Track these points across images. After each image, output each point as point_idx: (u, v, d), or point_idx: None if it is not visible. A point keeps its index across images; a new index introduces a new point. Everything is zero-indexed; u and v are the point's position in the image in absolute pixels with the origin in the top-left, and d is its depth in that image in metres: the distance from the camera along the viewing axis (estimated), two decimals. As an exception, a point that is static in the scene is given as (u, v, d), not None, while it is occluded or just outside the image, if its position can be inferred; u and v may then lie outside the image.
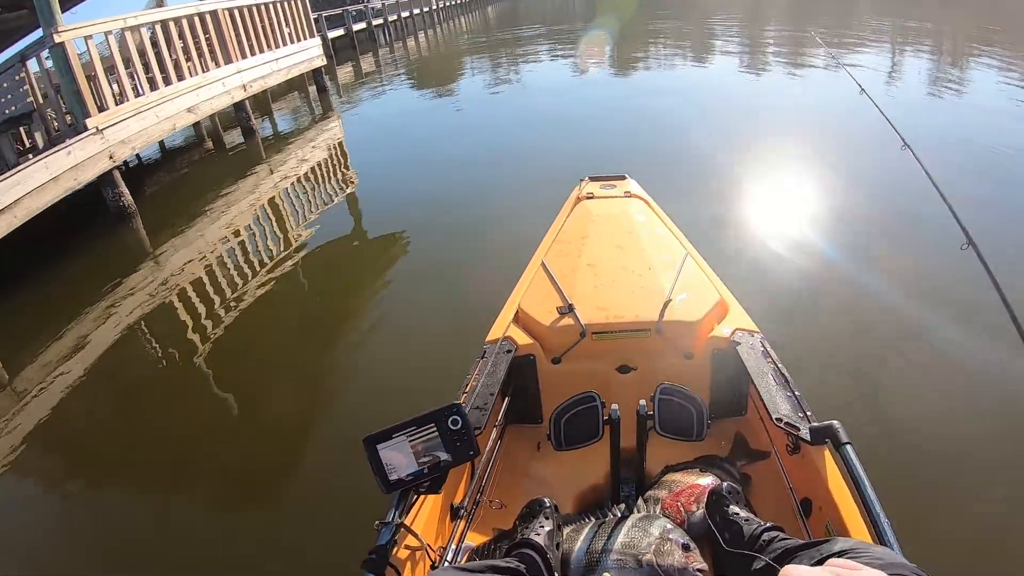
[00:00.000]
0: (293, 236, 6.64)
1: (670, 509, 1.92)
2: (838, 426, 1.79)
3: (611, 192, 3.54)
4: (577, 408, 1.92)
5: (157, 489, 3.58)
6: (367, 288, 5.58)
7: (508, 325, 2.53)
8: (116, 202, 7.05)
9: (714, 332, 2.42)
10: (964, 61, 13.48)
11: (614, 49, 18.94)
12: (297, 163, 8.86)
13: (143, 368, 4.72)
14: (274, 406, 4.13)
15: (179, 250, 6.35)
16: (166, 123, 8.03)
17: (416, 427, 1.67)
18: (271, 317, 5.24)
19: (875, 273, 4.81)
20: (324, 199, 7.78)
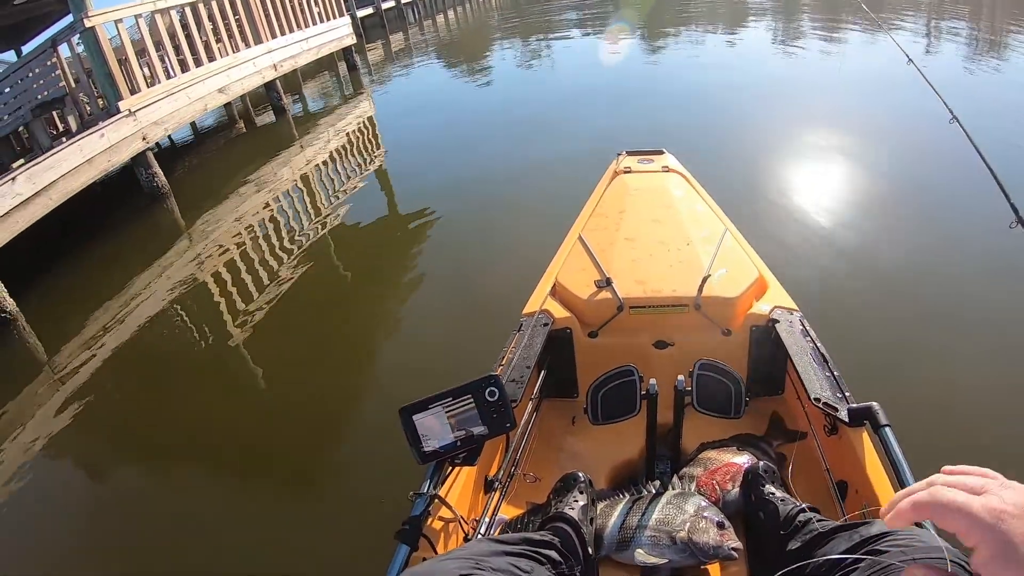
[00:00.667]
0: (325, 213, 6.64)
1: (705, 487, 1.91)
2: (877, 408, 1.76)
3: (648, 167, 3.49)
4: (615, 382, 1.91)
5: (192, 467, 3.63)
6: (401, 264, 5.58)
7: (545, 298, 2.52)
8: (150, 182, 7.14)
9: (753, 309, 2.39)
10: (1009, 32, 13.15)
11: (648, 25, 18.68)
12: (327, 141, 8.85)
13: (178, 347, 4.77)
14: (309, 382, 4.15)
15: (212, 229, 6.40)
16: (198, 104, 8.08)
17: (453, 398, 1.67)
18: (304, 294, 5.25)
19: (920, 252, 4.71)
20: (355, 176, 7.76)
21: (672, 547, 1.68)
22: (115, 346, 4.71)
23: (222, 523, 3.18)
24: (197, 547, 3.06)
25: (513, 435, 2.08)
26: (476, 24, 25.38)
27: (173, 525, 3.21)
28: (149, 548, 3.10)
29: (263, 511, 3.25)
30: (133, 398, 4.31)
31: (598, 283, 2.46)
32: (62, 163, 6.05)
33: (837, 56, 11.90)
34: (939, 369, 3.57)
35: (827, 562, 1.32)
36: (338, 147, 8.65)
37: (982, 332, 3.79)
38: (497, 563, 1.31)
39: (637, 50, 14.71)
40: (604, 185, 3.36)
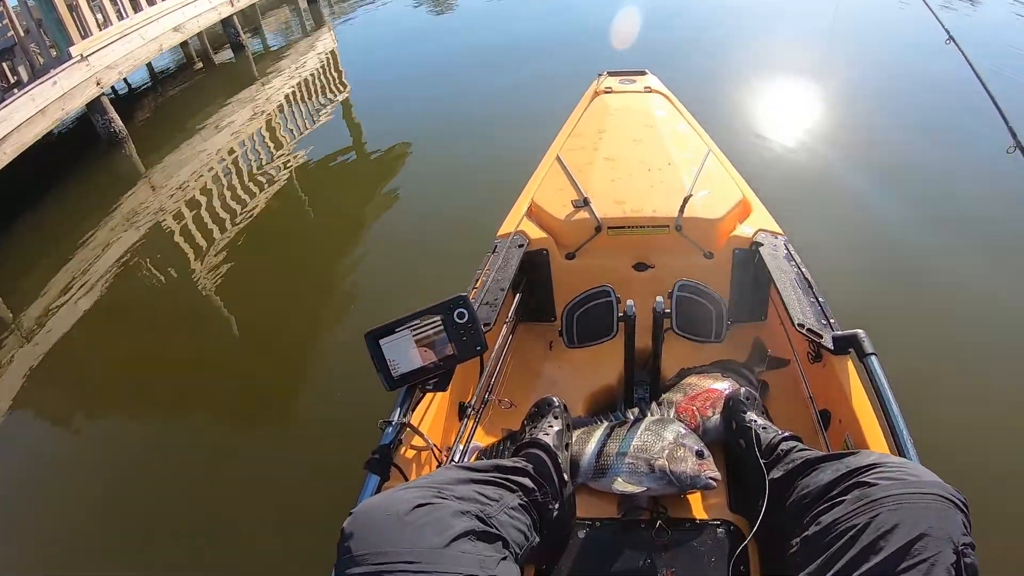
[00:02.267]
0: (289, 151, 6.45)
1: (684, 413, 1.86)
2: (863, 335, 1.70)
3: (630, 87, 3.37)
4: (591, 303, 1.84)
5: (167, 409, 3.58)
6: (370, 195, 5.48)
7: (521, 219, 2.43)
8: (107, 128, 6.84)
9: (736, 232, 2.32)
10: None
11: None
12: (289, 78, 8.53)
13: (147, 293, 4.65)
14: (278, 317, 4.10)
15: (174, 172, 6.18)
16: (152, 44, 7.73)
17: (420, 320, 1.60)
18: (271, 231, 5.15)
19: (913, 178, 4.63)
20: (319, 112, 7.52)
21: (650, 475, 1.64)
22: (82, 298, 4.56)
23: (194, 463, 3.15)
24: (172, 487, 3.03)
25: (487, 359, 2.02)
26: None
27: (150, 465, 3.18)
28: (127, 490, 3.07)
29: (235, 448, 3.24)
30: (105, 347, 4.20)
31: (575, 203, 2.37)
32: (14, 115, 5.77)
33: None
34: (932, 295, 3.53)
35: (811, 492, 1.27)
36: (300, 83, 8.35)
37: (977, 257, 3.74)
38: (462, 491, 1.26)
39: None
40: (584, 106, 3.24)
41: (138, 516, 2.93)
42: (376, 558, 1.08)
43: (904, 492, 1.09)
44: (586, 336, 1.86)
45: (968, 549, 1.02)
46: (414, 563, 1.07)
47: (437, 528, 1.13)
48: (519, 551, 1.30)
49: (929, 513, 1.05)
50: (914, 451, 1.43)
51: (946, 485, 1.12)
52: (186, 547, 2.75)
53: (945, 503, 1.07)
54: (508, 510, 1.31)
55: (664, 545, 1.54)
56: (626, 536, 1.58)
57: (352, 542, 1.11)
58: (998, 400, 2.88)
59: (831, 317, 1.86)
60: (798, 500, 1.31)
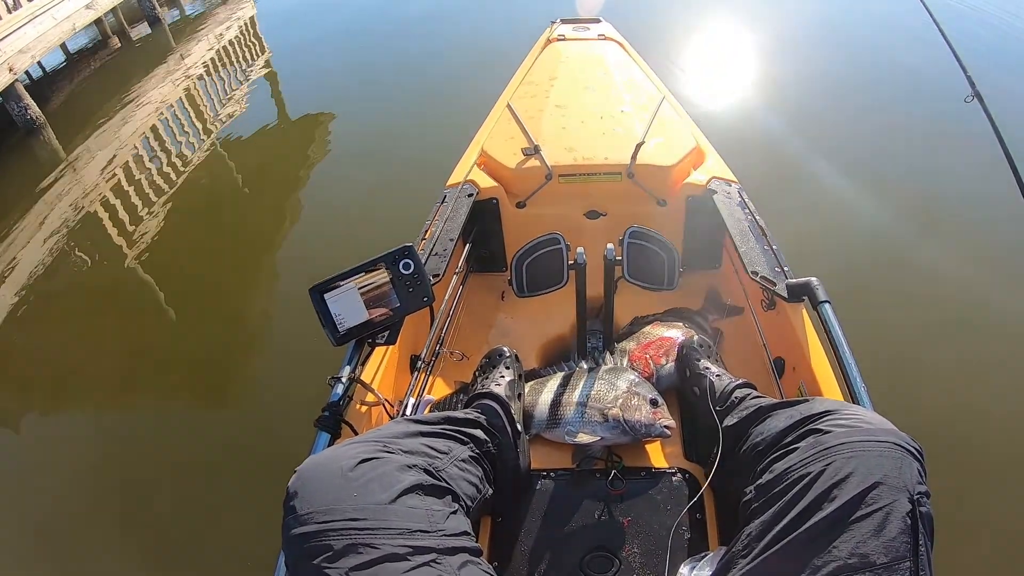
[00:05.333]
0: (213, 124, 6.24)
1: (638, 361, 1.85)
2: (817, 283, 1.70)
3: (584, 35, 3.32)
4: (540, 251, 1.80)
5: (112, 399, 3.46)
6: (303, 157, 5.34)
7: (471, 169, 2.38)
8: (23, 116, 6.46)
9: (689, 179, 2.29)
10: None
11: None
12: (208, 48, 8.19)
13: (78, 279, 4.44)
14: (219, 291, 4.00)
15: (96, 156, 5.89)
16: (65, 24, 7.27)
17: (365, 272, 1.56)
18: (200, 204, 4.98)
19: (872, 127, 4.64)
20: (242, 82, 7.23)
21: (604, 424, 1.63)
22: (12, 291, 4.34)
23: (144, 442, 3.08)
24: (122, 471, 2.96)
25: (438, 311, 1.99)
26: None
27: (99, 452, 3.09)
28: (75, 479, 2.96)
29: (186, 422, 3.17)
30: (38, 338, 3.99)
31: (526, 151, 2.32)
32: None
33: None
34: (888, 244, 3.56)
35: (765, 439, 1.27)
36: (220, 53, 8.03)
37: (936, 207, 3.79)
38: (409, 444, 1.23)
39: None
40: (536, 53, 3.18)
41: (93, 507, 2.84)
42: (320, 516, 1.05)
43: (858, 440, 1.08)
44: (536, 285, 1.83)
45: (924, 498, 1.02)
46: (359, 519, 1.05)
47: (383, 483, 1.10)
48: (471, 504, 1.28)
49: (884, 461, 1.04)
50: (868, 398, 1.43)
51: (901, 433, 1.11)
52: (146, 529, 2.70)
53: (900, 451, 1.06)
54: (458, 462, 1.29)
55: (620, 494, 1.53)
56: (582, 486, 1.58)
57: (296, 501, 1.08)
58: (950, 346, 2.96)
59: (784, 265, 1.86)
60: (752, 448, 1.30)
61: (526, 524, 1.51)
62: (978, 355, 2.92)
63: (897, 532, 0.98)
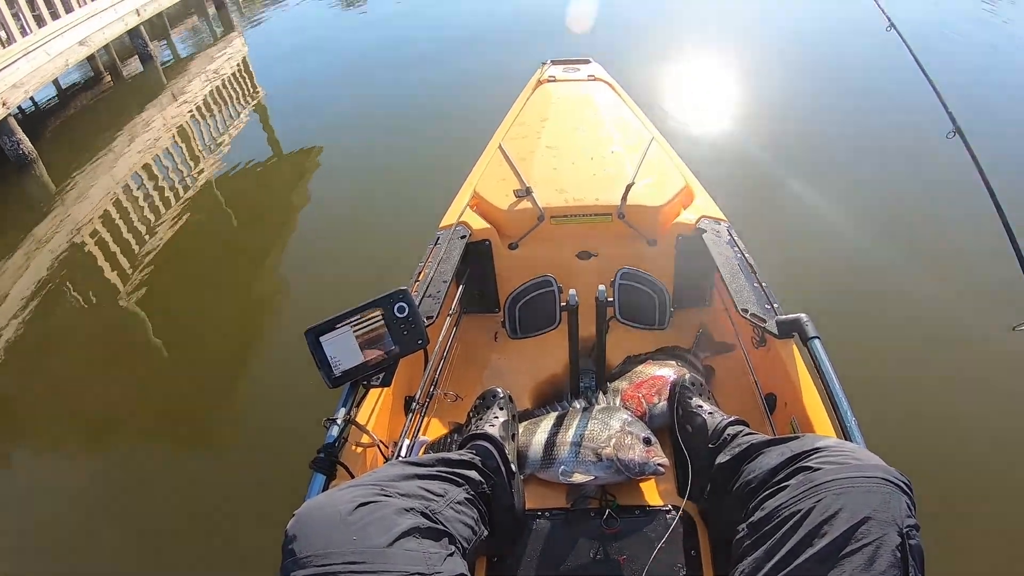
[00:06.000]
0: (205, 161, 6.26)
1: (631, 401, 1.87)
2: (806, 319, 1.73)
3: (574, 75, 3.38)
4: (533, 293, 1.83)
5: (101, 436, 3.45)
6: (298, 197, 5.39)
7: (463, 210, 2.41)
8: (15, 151, 6.48)
9: (679, 218, 2.33)
10: None
11: None
12: (201, 86, 8.29)
13: (68, 317, 4.42)
14: (209, 327, 4.00)
15: (88, 192, 5.91)
16: (58, 60, 7.34)
17: (360, 316, 1.57)
18: (193, 242, 4.98)
19: (856, 163, 4.73)
20: (234, 120, 7.31)
21: (598, 464, 1.64)
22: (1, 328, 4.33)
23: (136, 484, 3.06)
24: (113, 513, 2.93)
25: (432, 352, 2.01)
26: None
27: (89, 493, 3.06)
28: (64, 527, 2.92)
29: (179, 463, 3.16)
30: (28, 375, 3.97)
31: (518, 193, 2.36)
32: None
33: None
34: (874, 279, 3.61)
35: (756, 477, 1.28)
36: (213, 92, 8.10)
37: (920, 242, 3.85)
38: (406, 487, 1.24)
39: None
40: (527, 94, 3.24)
41: (80, 546, 2.81)
42: (319, 559, 1.06)
43: (847, 476, 1.10)
44: (529, 327, 1.85)
45: (913, 531, 1.03)
46: (358, 563, 1.05)
47: (381, 527, 1.11)
48: (467, 545, 1.28)
49: (872, 496, 1.06)
50: (859, 432, 1.45)
51: (889, 468, 1.13)
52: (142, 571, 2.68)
53: (889, 486, 1.08)
54: (454, 505, 1.30)
55: (615, 533, 1.54)
56: (577, 525, 1.58)
57: (295, 544, 1.09)
58: (937, 380, 3.01)
59: (774, 302, 1.88)
60: (744, 485, 1.31)
61: (522, 564, 1.51)
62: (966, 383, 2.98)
63: (887, 566, 0.99)
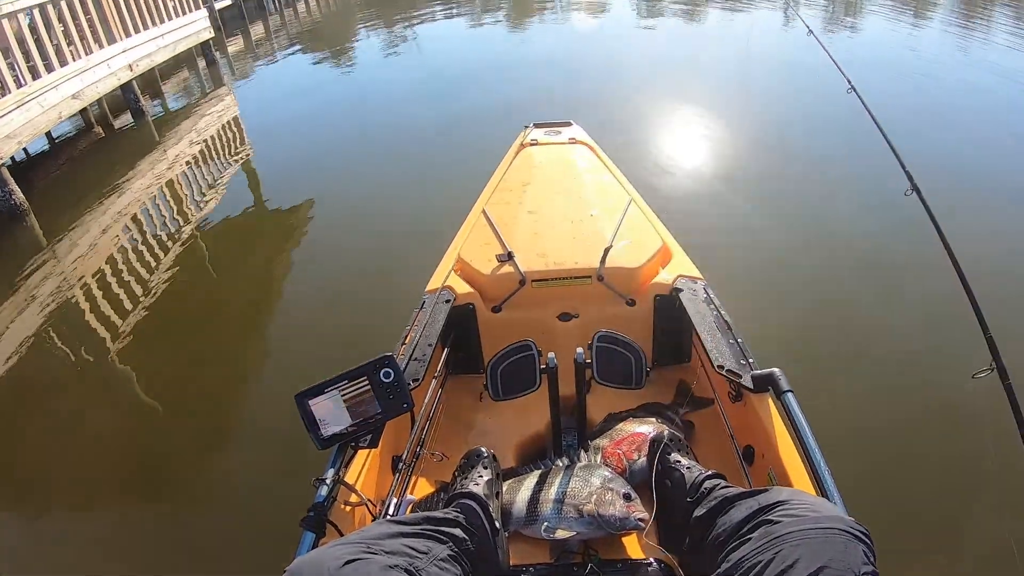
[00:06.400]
0: (194, 216, 6.34)
1: (611, 458, 1.91)
2: (779, 374, 1.79)
3: (556, 138, 3.49)
4: (514, 357, 1.89)
5: (91, 494, 3.41)
6: (285, 256, 5.44)
7: (448, 274, 2.48)
8: (7, 201, 6.49)
9: (656, 279, 2.41)
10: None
11: (515, 3, 18.91)
12: (191, 142, 8.44)
13: (56, 371, 4.39)
14: (198, 384, 4.01)
15: (78, 244, 5.97)
16: (52, 112, 7.43)
17: (348, 381, 1.63)
18: (181, 298, 5.02)
19: (821, 220, 4.89)
20: (223, 175, 7.40)
21: (579, 520, 1.68)
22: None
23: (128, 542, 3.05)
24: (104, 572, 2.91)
25: (418, 413, 2.05)
26: (340, 10, 24.65)
27: (72, 557, 3.02)
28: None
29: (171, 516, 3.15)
30: (12, 433, 3.91)
31: (500, 257, 2.44)
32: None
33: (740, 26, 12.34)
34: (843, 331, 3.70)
35: (727, 529, 1.33)
36: (202, 147, 8.24)
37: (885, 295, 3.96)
38: (391, 545, 1.28)
39: (520, 27, 15.12)
40: (510, 158, 3.34)
41: None
42: None
43: (805, 528, 1.15)
44: (511, 389, 1.91)
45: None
46: None
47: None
48: None
49: (828, 547, 1.10)
50: (832, 481, 1.50)
51: (846, 518, 1.18)
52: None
53: (846, 535, 1.13)
54: (437, 562, 1.33)
55: None
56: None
57: None
58: (904, 428, 3.10)
59: (750, 357, 1.95)
60: (715, 538, 1.36)
61: None
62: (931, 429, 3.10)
63: None
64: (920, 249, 3.58)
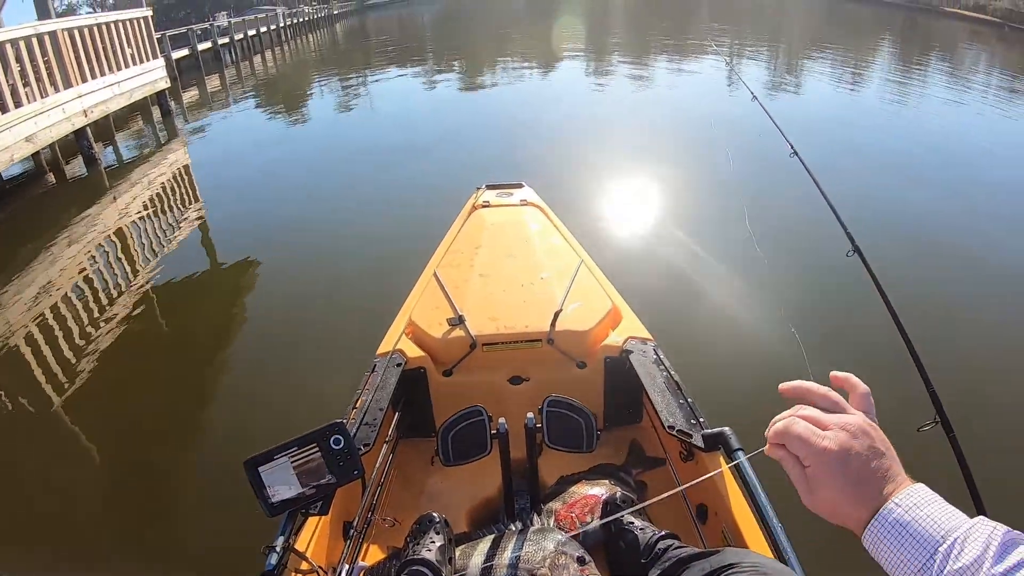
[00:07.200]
0: (144, 270, 6.27)
1: (564, 521, 1.90)
2: (730, 432, 1.81)
3: (507, 200, 3.54)
4: (464, 423, 1.89)
5: (25, 559, 3.24)
6: (236, 317, 5.40)
7: (399, 337, 2.48)
8: None
9: (607, 341, 2.43)
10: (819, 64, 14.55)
11: (467, 63, 19.35)
12: (142, 192, 8.42)
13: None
14: (143, 446, 3.91)
15: (23, 293, 5.86)
16: (3, 155, 7.46)
17: (298, 447, 1.60)
18: (129, 355, 4.93)
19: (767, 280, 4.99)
20: (173, 229, 7.36)
21: None
22: None
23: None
24: None
25: (369, 478, 2.02)
26: (295, 65, 24.92)
27: None
28: None
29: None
30: None
31: (451, 321, 2.45)
32: None
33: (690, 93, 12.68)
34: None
35: None
36: (153, 199, 8.21)
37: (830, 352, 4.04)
38: None
39: (468, 87, 15.42)
40: (462, 220, 3.37)
41: None
42: None
43: None
44: (462, 454, 1.91)
45: None
46: None
47: None
48: None
49: None
50: (787, 540, 1.51)
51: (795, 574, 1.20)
52: None
53: None
54: None
55: None
56: None
57: None
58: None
59: (700, 416, 1.97)
60: None
61: None
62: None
63: None
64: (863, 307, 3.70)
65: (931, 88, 13.08)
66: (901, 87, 13.23)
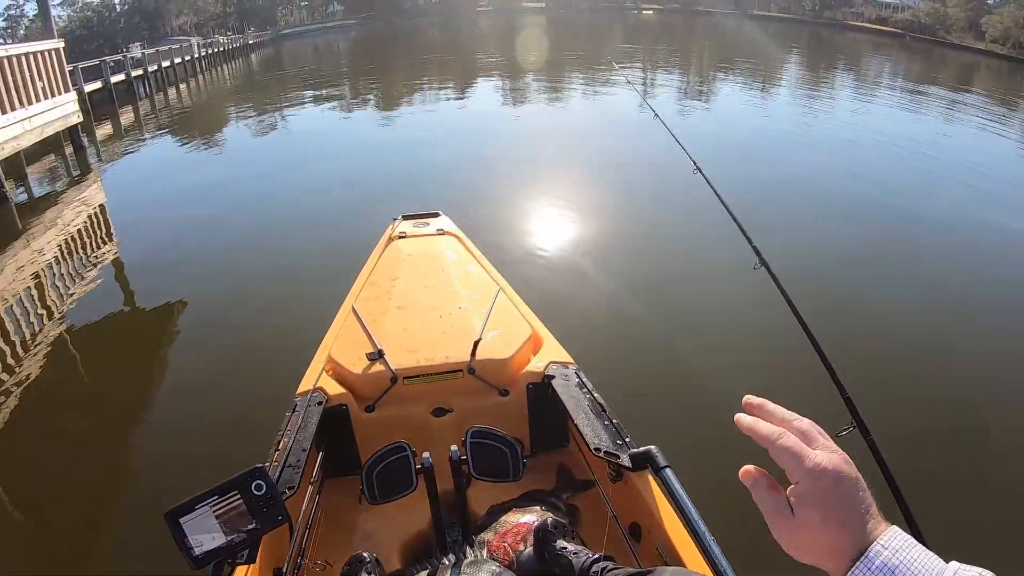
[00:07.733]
0: (58, 313, 6.05)
1: (497, 551, 1.89)
2: (656, 451, 1.84)
3: (424, 230, 3.53)
4: (388, 459, 1.87)
5: None
6: (153, 359, 5.21)
7: (319, 375, 2.44)
8: None
9: (528, 367, 2.45)
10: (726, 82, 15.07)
11: (382, 91, 19.43)
12: (55, 232, 8.14)
13: None
14: (59, 500, 3.73)
15: None
16: None
17: (219, 496, 1.56)
18: (42, 403, 4.72)
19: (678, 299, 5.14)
20: (89, 270, 7.09)
21: None
22: None
23: None
24: None
25: (296, 522, 1.98)
26: (210, 96, 24.56)
27: None
28: None
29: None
30: None
31: (370, 356, 2.43)
32: None
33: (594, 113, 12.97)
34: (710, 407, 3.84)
35: None
36: (67, 238, 7.94)
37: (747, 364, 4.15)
38: None
39: (384, 114, 15.61)
40: (379, 252, 3.36)
41: None
42: None
43: None
44: (388, 492, 1.88)
45: None
46: None
47: None
48: None
49: None
50: (721, 553, 1.54)
51: None
52: None
53: None
54: None
55: None
56: None
57: None
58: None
59: (626, 436, 1.99)
60: None
61: None
62: None
63: None
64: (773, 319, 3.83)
65: (839, 100, 13.65)
66: (809, 99, 13.80)
